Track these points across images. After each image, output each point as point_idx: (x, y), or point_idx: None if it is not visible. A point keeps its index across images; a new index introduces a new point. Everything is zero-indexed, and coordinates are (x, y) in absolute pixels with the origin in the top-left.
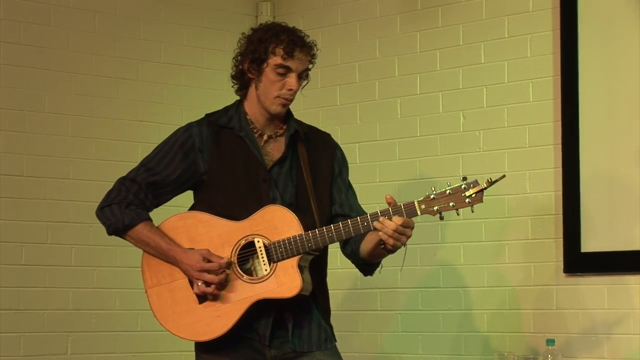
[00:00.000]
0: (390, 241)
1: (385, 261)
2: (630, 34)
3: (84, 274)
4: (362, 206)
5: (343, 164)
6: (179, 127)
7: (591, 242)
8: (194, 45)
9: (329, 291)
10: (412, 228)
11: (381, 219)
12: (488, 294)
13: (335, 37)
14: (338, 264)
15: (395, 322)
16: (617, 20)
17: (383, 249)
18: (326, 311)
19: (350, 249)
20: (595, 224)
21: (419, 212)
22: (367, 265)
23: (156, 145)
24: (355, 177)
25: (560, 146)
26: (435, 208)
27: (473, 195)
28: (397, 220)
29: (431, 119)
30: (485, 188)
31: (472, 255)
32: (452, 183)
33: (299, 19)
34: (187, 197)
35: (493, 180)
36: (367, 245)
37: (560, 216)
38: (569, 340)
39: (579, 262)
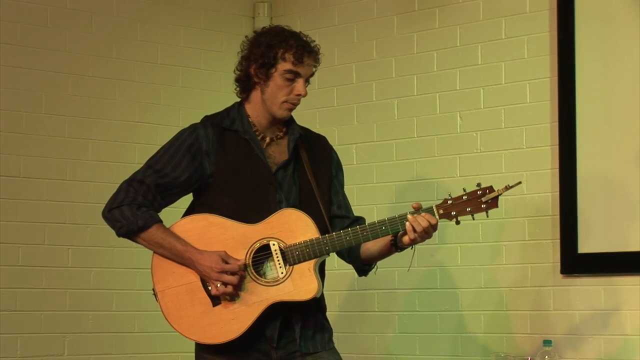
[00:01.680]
0: (418, 239)
1: (384, 263)
2: (627, 35)
3: (81, 275)
4: (359, 207)
5: (338, 166)
6: (175, 127)
7: (588, 243)
8: (191, 46)
9: (327, 292)
10: (435, 230)
11: (411, 216)
12: (485, 295)
13: (333, 38)
14: (335, 266)
15: (392, 323)
16: (613, 22)
17: (393, 247)
18: (325, 309)
19: (348, 249)
20: (592, 225)
21: (437, 217)
22: (365, 265)
23: (154, 146)
24: (352, 179)
25: (557, 147)
26: (453, 213)
27: (489, 201)
28: (430, 219)
29: (428, 120)
30: (501, 194)
31: (469, 256)
32: (467, 189)
33: (296, 19)
34: (186, 197)
35: (510, 185)
36: (374, 244)
37: (557, 217)
38: (566, 341)
39: (576, 263)
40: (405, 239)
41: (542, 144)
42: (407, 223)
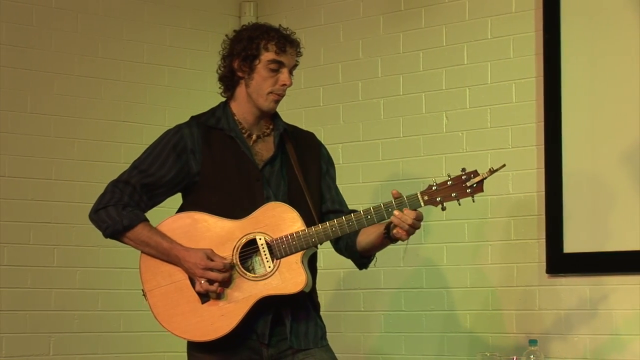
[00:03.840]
0: (404, 235)
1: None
2: (612, 35)
3: (67, 274)
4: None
5: (329, 161)
6: (161, 127)
7: (573, 243)
8: (176, 45)
9: None
10: (422, 220)
11: (397, 212)
12: (471, 295)
13: (319, 38)
14: (321, 265)
15: (378, 322)
16: (599, 21)
17: (387, 239)
18: (319, 307)
19: (345, 243)
20: (578, 225)
21: (422, 204)
22: (363, 258)
23: (140, 145)
24: (338, 178)
25: (542, 147)
26: (438, 199)
27: (474, 185)
28: (411, 214)
29: (414, 119)
30: (486, 177)
31: (455, 256)
32: (452, 174)
33: (282, 19)
34: (174, 198)
35: (494, 169)
36: (367, 237)
37: (543, 217)
38: (551, 340)
39: (561, 262)
40: (396, 233)
41: (527, 143)
42: (395, 229)
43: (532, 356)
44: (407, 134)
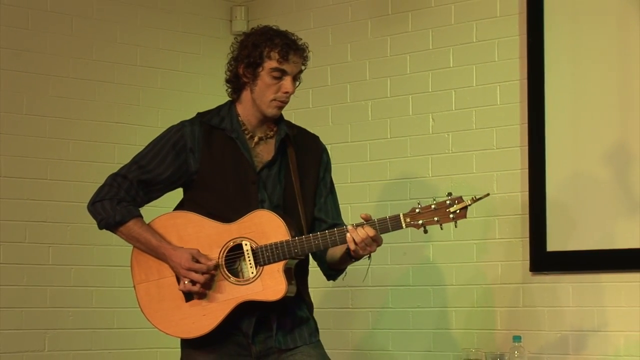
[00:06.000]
0: (352, 246)
1: (359, 261)
2: (595, 39)
3: (62, 272)
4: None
5: (327, 168)
6: (154, 128)
7: (557, 242)
8: (169, 48)
9: None
10: (379, 244)
11: (351, 227)
12: (457, 293)
13: (308, 41)
14: (311, 263)
15: (365, 319)
16: (582, 25)
17: (347, 255)
18: (311, 306)
19: (318, 252)
20: (561, 224)
21: (403, 225)
22: (332, 270)
23: (133, 146)
24: None
25: (526, 148)
26: (420, 222)
27: (457, 211)
28: (369, 230)
29: (401, 121)
30: (469, 205)
31: (441, 255)
32: (437, 198)
33: (273, 23)
34: (169, 197)
35: (477, 197)
36: (335, 250)
37: (527, 216)
38: (536, 337)
39: (545, 261)
40: (351, 251)
41: (512, 144)
42: (348, 234)
43: (516, 352)
44: (394, 135)
